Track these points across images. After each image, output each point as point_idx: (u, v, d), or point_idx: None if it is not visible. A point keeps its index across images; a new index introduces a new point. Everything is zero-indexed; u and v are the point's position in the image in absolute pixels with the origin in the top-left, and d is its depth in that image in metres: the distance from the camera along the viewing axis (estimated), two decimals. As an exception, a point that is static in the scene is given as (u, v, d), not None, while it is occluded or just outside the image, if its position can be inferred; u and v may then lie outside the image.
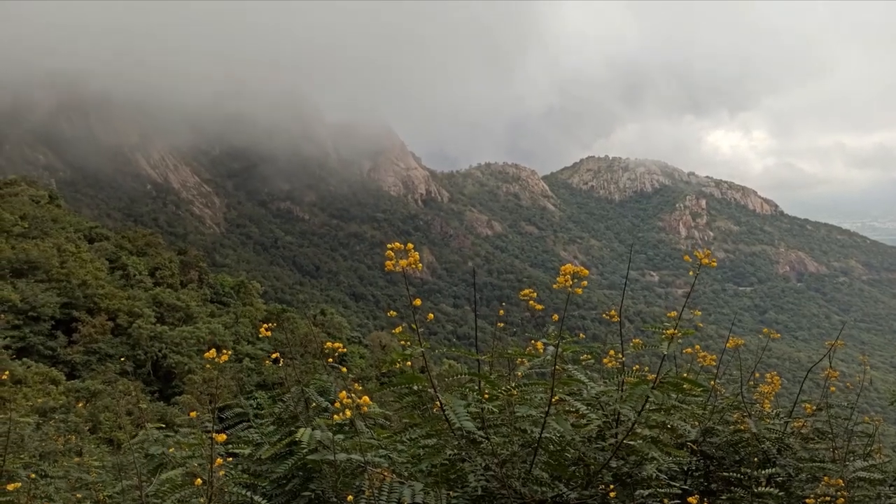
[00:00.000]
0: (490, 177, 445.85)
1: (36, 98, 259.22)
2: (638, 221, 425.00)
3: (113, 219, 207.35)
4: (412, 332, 4.05)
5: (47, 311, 37.81)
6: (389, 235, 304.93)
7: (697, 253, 4.22)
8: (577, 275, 4.05)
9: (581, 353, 6.13)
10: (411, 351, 4.08)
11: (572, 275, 4.06)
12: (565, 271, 4.05)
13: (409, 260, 3.71)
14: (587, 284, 20.14)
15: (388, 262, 3.74)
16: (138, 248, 62.24)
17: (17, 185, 65.11)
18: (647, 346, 5.06)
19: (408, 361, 4.54)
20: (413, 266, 3.71)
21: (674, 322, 4.56)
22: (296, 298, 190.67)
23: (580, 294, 4.72)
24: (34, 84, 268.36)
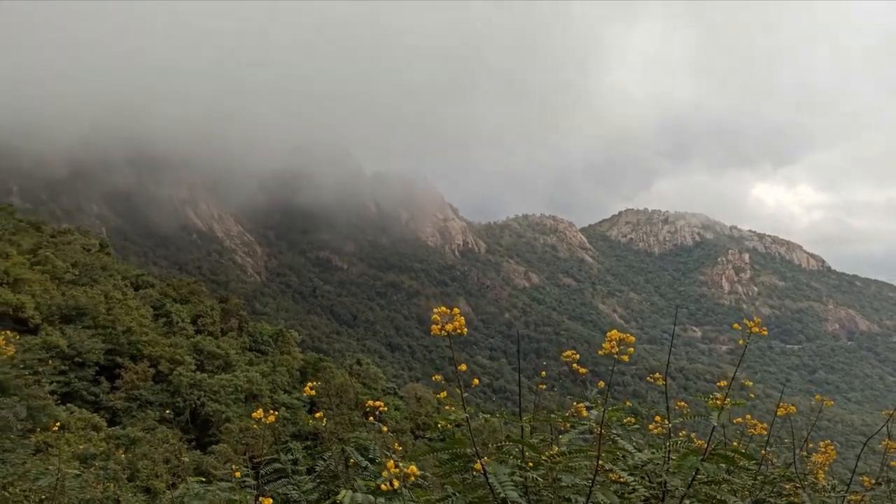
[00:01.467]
0: (527, 228, 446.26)
1: (91, 153, 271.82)
2: (678, 275, 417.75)
3: (159, 266, 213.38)
4: (457, 397, 4.04)
5: (92, 357, 38.64)
6: (426, 285, 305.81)
7: (748, 322, 4.14)
8: (623, 341, 4.00)
9: (625, 415, 6.00)
10: (456, 416, 4.06)
11: (618, 341, 4.02)
12: (611, 337, 4.01)
13: (455, 324, 3.74)
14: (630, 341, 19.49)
15: (434, 325, 3.76)
16: (182, 296, 63.58)
17: (70, 234, 67.76)
18: (696, 416, 4.92)
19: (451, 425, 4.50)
20: (459, 330, 3.73)
21: (724, 391, 4.45)
22: (332, 347, 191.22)
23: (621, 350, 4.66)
24: (90, 140, 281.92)
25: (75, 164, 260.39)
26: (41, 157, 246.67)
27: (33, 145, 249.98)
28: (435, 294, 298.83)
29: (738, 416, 5.80)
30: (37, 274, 43.50)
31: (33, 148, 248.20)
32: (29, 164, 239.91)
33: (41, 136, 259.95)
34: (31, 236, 59.53)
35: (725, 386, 4.53)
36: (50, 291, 42.23)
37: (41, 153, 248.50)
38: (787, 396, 7.29)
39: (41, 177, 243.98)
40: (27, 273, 41.74)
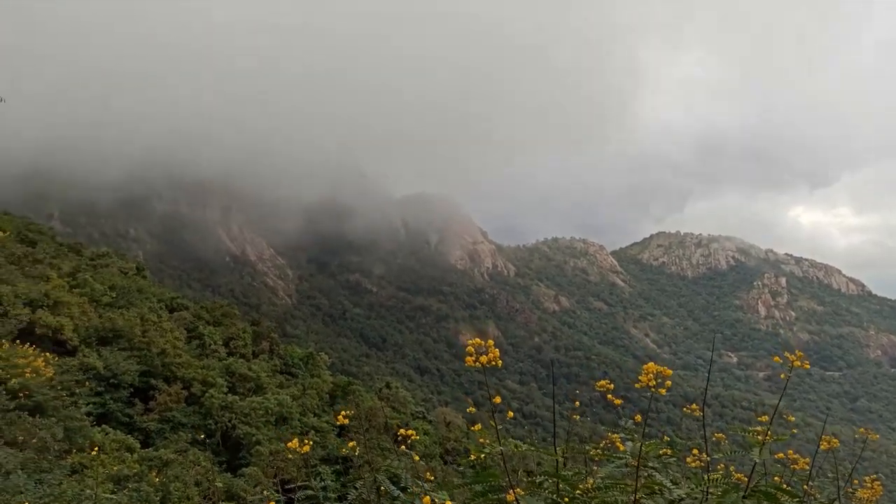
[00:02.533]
0: (557, 251, 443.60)
1: (129, 178, 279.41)
2: (713, 299, 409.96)
3: (193, 289, 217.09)
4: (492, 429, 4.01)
5: (127, 378, 39.26)
6: (455, 309, 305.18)
7: (790, 356, 4.04)
8: (660, 375, 3.94)
9: (661, 447, 5.86)
10: (491, 449, 4.02)
11: (655, 374, 3.95)
12: (648, 370, 3.95)
13: (490, 356, 3.72)
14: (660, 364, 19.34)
15: (469, 357, 3.75)
16: (215, 319, 64.45)
17: (108, 258, 69.49)
18: (736, 451, 4.79)
19: (483, 455, 4.46)
20: (494, 362, 3.72)
21: (765, 426, 4.33)
22: (361, 371, 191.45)
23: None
24: (130, 167, 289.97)
25: (114, 189, 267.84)
26: (81, 182, 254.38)
27: (74, 171, 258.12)
28: (464, 317, 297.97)
29: (778, 450, 5.63)
30: (76, 297, 44.58)
31: (74, 173, 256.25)
32: (69, 190, 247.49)
33: (83, 162, 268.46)
34: (71, 260, 61.16)
35: (767, 421, 4.41)
36: (88, 314, 43.20)
37: (81, 179, 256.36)
38: (829, 425, 7.04)
39: (81, 201, 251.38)
40: (66, 296, 42.80)
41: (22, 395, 22.99)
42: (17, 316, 34.99)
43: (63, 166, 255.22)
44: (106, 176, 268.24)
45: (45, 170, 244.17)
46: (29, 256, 51.78)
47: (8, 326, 32.03)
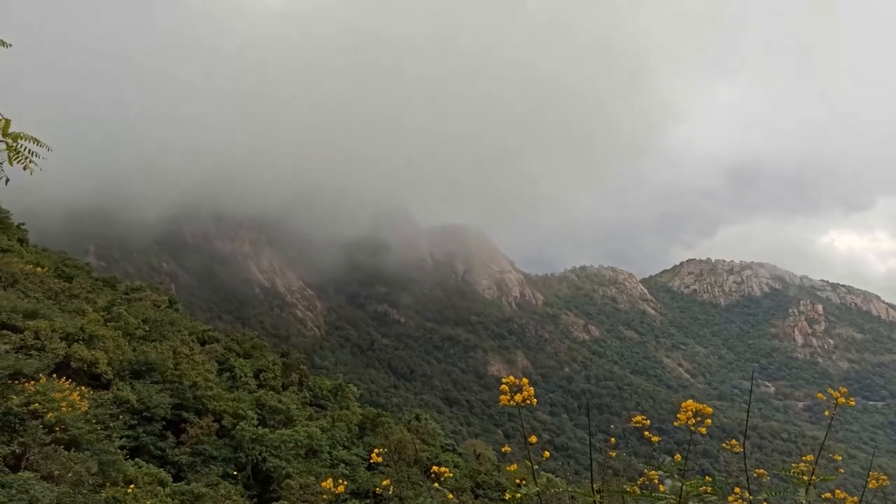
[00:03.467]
0: (586, 280, 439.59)
1: (163, 215, 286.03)
2: (747, 327, 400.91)
3: (224, 321, 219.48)
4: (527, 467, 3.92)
5: (160, 411, 39.57)
6: (483, 339, 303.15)
7: (833, 392, 3.89)
8: (700, 413, 3.82)
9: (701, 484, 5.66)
10: (527, 490, 3.92)
11: (695, 412, 3.83)
12: (687, 408, 3.84)
13: (525, 394, 3.65)
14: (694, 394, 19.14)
15: (503, 396, 3.69)
16: (245, 351, 64.94)
17: (142, 291, 70.79)
18: (780, 492, 4.60)
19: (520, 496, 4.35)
20: (528, 401, 3.65)
21: (811, 465, 4.16)
22: (390, 402, 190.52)
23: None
24: (165, 202, 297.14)
25: (147, 224, 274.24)
26: (116, 218, 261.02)
27: (111, 209, 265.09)
28: (492, 347, 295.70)
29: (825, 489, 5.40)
30: (110, 330, 45.31)
31: (111, 211, 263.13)
32: (105, 226, 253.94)
33: (122, 200, 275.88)
34: (106, 294, 62.38)
35: (813, 461, 4.23)
36: (122, 347, 43.84)
37: (117, 215, 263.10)
38: (874, 458, 6.74)
39: (115, 237, 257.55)
40: (101, 330, 43.53)
41: (58, 429, 23.29)
42: (54, 350, 35.67)
43: (100, 204, 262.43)
44: (142, 213, 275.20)
45: (83, 207, 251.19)
46: (66, 291, 52.97)
47: (45, 360, 32.63)
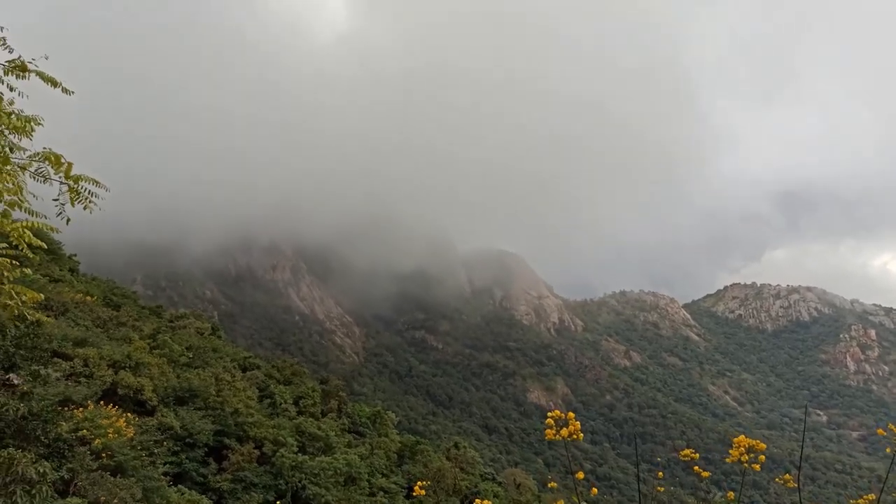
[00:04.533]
0: (626, 305, 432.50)
1: (207, 242, 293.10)
2: (796, 353, 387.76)
3: (264, 348, 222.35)
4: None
5: (202, 438, 40.06)
6: (522, 365, 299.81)
7: (894, 427, 3.73)
8: (753, 449, 3.70)
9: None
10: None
11: (748, 448, 3.72)
12: (739, 444, 3.72)
13: (571, 429, 3.60)
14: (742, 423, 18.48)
15: (549, 430, 3.64)
16: (285, 378, 65.56)
17: (186, 319, 72.33)
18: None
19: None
20: (574, 436, 3.59)
21: None
22: (428, 429, 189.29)
23: (735, 435, 4.30)
24: (209, 231, 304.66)
25: (193, 254, 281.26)
26: (165, 249, 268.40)
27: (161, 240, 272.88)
28: (531, 374, 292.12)
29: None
30: (155, 357, 46.30)
31: (161, 241, 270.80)
32: (152, 256, 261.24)
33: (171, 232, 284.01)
34: (152, 322, 63.94)
35: (875, 500, 4.06)
36: (166, 374, 44.72)
37: (166, 246, 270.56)
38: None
39: (161, 265, 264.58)
40: (147, 357, 44.53)
41: (104, 455, 23.78)
42: (102, 377, 36.60)
43: (150, 235, 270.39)
44: (190, 244, 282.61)
45: (133, 238, 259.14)
46: (114, 319, 54.47)
47: (93, 388, 33.49)
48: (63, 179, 4.52)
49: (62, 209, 4.54)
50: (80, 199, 4.52)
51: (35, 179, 4.49)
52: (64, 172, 4.51)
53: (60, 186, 4.46)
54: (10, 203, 4.44)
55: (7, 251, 4.73)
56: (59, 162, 4.45)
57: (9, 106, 4.74)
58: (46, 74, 4.76)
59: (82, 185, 4.50)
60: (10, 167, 4.38)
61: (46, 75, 4.77)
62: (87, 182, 4.54)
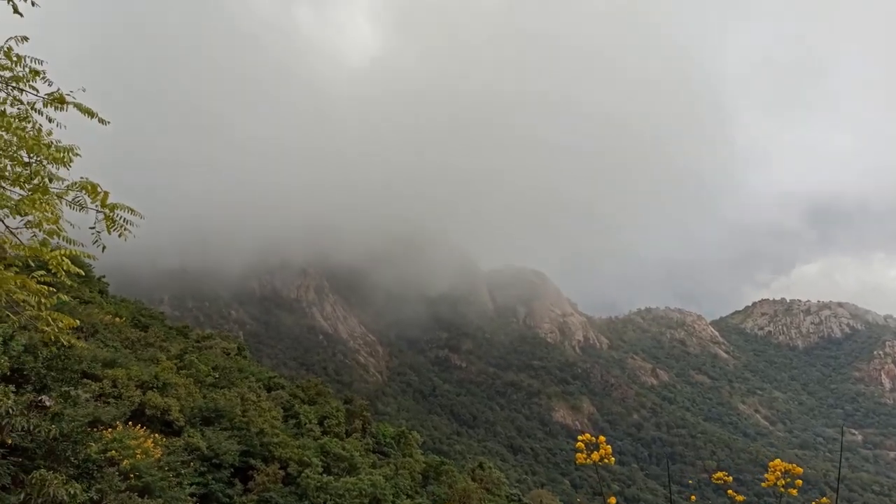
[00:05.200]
0: (652, 322, 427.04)
1: (234, 264, 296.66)
2: (828, 371, 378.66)
3: (289, 367, 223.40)
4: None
5: (228, 458, 40.22)
6: (547, 384, 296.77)
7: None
8: (789, 473, 3.61)
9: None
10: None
11: (784, 472, 3.63)
12: (775, 468, 3.64)
13: (602, 452, 3.56)
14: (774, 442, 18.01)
15: (579, 454, 3.60)
16: (310, 397, 65.72)
17: (212, 339, 73.07)
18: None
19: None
20: (606, 460, 3.55)
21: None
22: (453, 449, 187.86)
23: (768, 455, 4.21)
24: (237, 253, 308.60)
25: (217, 274, 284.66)
26: (193, 270, 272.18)
27: (190, 262, 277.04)
28: (556, 393, 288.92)
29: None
30: (182, 378, 46.77)
31: (190, 263, 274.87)
32: (179, 277, 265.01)
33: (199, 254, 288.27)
34: (179, 342, 64.67)
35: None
36: (193, 395, 45.11)
37: (194, 267, 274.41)
38: None
39: (188, 286, 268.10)
40: (174, 377, 45.01)
41: (132, 476, 23.98)
42: (130, 398, 37.05)
43: (179, 256, 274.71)
44: (218, 265, 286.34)
45: (162, 259, 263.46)
46: (142, 340, 55.24)
47: (122, 408, 33.90)
48: (99, 208, 4.64)
49: (98, 237, 4.65)
50: (116, 227, 4.64)
51: (72, 208, 4.63)
52: (100, 201, 4.63)
53: (97, 215, 4.59)
54: (50, 232, 4.58)
55: (45, 278, 4.87)
56: (95, 191, 4.59)
57: (47, 136, 4.90)
58: (84, 106, 4.93)
59: (118, 213, 4.62)
60: (49, 197, 4.52)
61: (84, 107, 4.94)
62: (122, 210, 4.66)
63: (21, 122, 4.71)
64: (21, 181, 4.50)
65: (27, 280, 4.68)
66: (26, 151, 4.60)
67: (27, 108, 4.88)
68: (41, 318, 4.91)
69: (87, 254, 4.79)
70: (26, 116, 4.85)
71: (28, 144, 4.57)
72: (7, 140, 4.56)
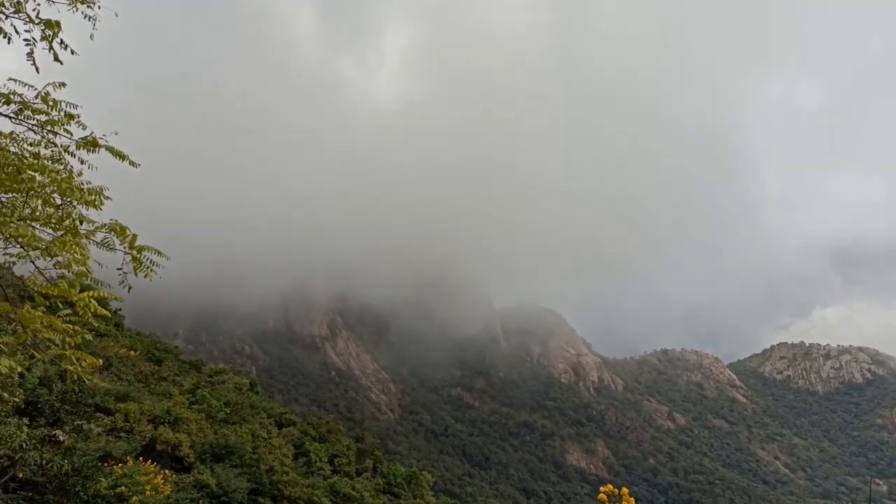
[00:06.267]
0: (668, 364, 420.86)
1: (247, 299, 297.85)
2: (850, 417, 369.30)
3: (300, 404, 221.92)
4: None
5: (238, 496, 39.75)
6: (561, 426, 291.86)
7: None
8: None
9: None
10: None
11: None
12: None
13: None
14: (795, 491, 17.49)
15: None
16: (320, 435, 65.05)
17: (225, 374, 72.94)
18: None
19: None
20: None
21: None
22: (464, 491, 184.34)
23: None
24: (248, 286, 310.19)
25: (233, 309, 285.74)
26: (208, 304, 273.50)
27: (208, 297, 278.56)
28: (570, 435, 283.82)
29: None
30: (194, 413, 46.58)
31: (207, 298, 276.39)
32: (195, 311, 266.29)
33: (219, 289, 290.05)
34: (192, 377, 64.62)
35: None
36: (204, 430, 44.85)
37: (210, 303, 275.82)
38: None
39: (202, 320, 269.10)
40: (186, 412, 44.84)
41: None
42: (141, 432, 36.92)
43: (197, 291, 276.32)
44: (234, 301, 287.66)
45: (179, 293, 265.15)
46: (155, 374, 55.31)
47: (133, 443, 33.79)
48: (127, 250, 4.72)
49: (125, 277, 4.73)
50: (143, 268, 4.71)
51: (100, 248, 4.72)
52: (129, 243, 4.71)
53: (124, 256, 4.68)
54: (79, 274, 4.67)
55: (71, 317, 4.94)
56: (124, 233, 4.69)
57: (78, 178, 5.02)
58: (115, 149, 5.08)
59: (145, 254, 4.69)
60: (79, 238, 4.61)
61: (115, 150, 5.08)
62: (149, 252, 4.74)
63: (54, 164, 4.88)
64: (52, 223, 4.61)
65: (54, 319, 4.75)
66: (59, 194, 4.74)
67: (60, 150, 5.05)
68: (65, 357, 4.96)
69: (115, 296, 4.87)
70: (59, 158, 5.02)
71: (61, 187, 4.72)
72: (40, 182, 4.71)
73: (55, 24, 5.08)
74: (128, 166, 5.15)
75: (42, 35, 5.05)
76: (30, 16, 5.03)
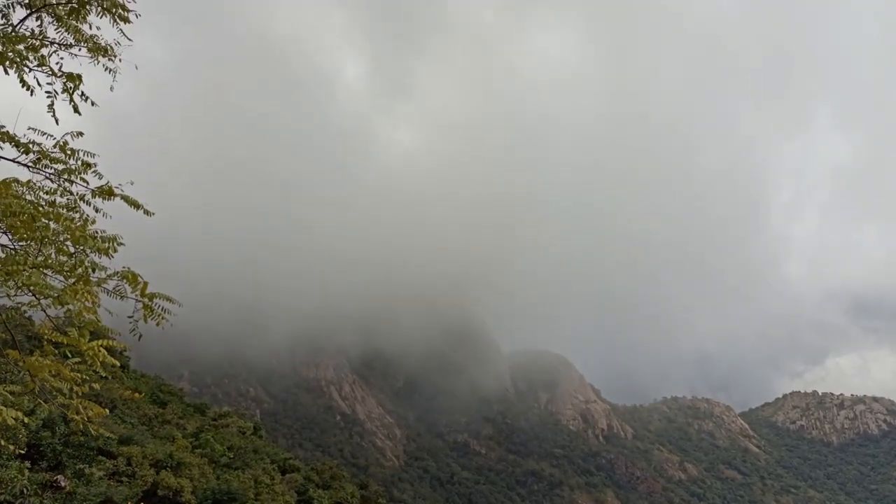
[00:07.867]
0: (678, 412, 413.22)
1: (252, 340, 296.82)
2: (867, 470, 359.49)
3: (304, 448, 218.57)
4: None
5: (238, 544, 38.90)
6: (569, 474, 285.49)
7: None
8: None
9: None
10: None
11: None
12: None
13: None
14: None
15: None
16: (324, 481, 63.93)
17: (229, 417, 72.23)
18: None
19: None
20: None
21: None
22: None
23: None
24: (255, 330, 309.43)
25: (239, 352, 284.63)
26: (211, 346, 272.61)
27: (213, 340, 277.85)
28: (579, 484, 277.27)
29: None
30: (197, 457, 46.00)
31: (212, 341, 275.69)
32: (200, 353, 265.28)
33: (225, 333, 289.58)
34: (196, 420, 64.02)
35: None
36: (207, 475, 44.19)
37: (215, 346, 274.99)
38: None
39: (207, 362, 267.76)
40: (189, 456, 44.28)
41: (140, 562, 23.20)
42: (144, 477, 36.40)
43: (199, 332, 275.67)
44: (241, 346, 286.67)
45: (184, 336, 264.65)
46: (159, 417, 54.84)
47: (134, 488, 33.29)
48: (139, 298, 4.74)
49: (135, 325, 4.74)
50: (154, 315, 4.72)
51: (111, 297, 4.75)
52: (140, 291, 4.74)
53: (135, 304, 4.70)
54: (89, 323, 4.69)
55: (80, 366, 4.94)
56: (135, 281, 4.73)
57: (91, 225, 5.09)
58: (130, 198, 5.16)
59: (156, 301, 4.71)
60: (90, 287, 4.65)
61: (130, 199, 5.16)
62: (161, 299, 4.76)
63: (69, 213, 4.95)
64: (65, 270, 4.66)
65: (62, 368, 4.75)
66: (72, 242, 4.80)
67: (76, 198, 5.13)
68: (72, 407, 4.93)
69: (124, 344, 4.87)
70: (74, 207, 5.10)
71: (74, 235, 4.77)
72: (55, 230, 4.77)
73: (76, 77, 5.24)
74: (142, 215, 5.25)
75: (63, 87, 5.21)
76: (52, 69, 5.19)
